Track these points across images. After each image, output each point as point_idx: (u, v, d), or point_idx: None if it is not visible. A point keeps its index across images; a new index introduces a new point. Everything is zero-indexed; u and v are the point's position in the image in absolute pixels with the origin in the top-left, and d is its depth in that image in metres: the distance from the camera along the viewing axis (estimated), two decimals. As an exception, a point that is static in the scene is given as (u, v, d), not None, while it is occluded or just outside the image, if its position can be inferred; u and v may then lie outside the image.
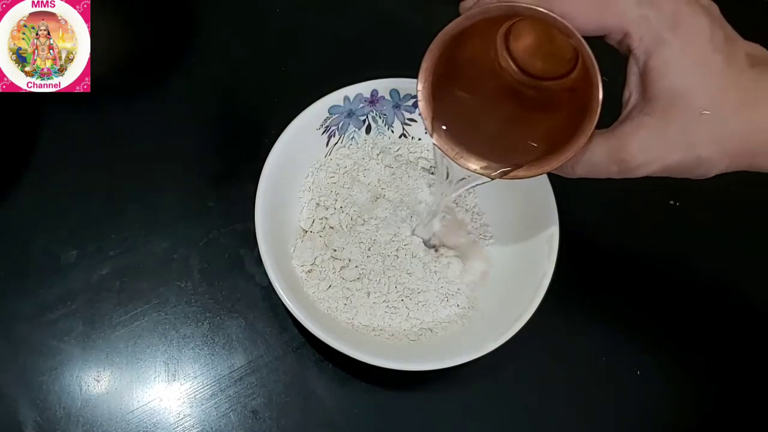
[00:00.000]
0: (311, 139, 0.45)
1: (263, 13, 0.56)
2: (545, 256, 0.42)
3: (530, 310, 0.40)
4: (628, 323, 0.47)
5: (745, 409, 0.46)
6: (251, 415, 0.42)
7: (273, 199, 0.42)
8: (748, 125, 0.31)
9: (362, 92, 0.46)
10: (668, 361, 0.46)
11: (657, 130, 0.31)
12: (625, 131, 0.31)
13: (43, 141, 0.49)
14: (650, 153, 0.31)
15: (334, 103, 0.45)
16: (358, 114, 0.46)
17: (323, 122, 0.45)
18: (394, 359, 0.39)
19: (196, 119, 0.51)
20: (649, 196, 0.51)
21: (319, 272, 0.43)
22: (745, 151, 0.31)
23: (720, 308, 0.48)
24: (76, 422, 0.41)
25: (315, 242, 0.44)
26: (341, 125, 0.46)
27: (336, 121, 0.46)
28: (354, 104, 0.46)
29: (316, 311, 0.42)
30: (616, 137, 0.31)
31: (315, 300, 0.43)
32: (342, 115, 0.46)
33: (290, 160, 0.44)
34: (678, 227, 0.51)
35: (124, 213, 0.47)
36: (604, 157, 0.32)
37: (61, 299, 0.44)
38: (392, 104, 0.47)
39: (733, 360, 0.47)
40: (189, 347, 0.44)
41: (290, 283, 0.41)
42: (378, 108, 0.47)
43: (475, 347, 0.39)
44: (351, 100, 0.45)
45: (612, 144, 0.31)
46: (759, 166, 0.32)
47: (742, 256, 0.50)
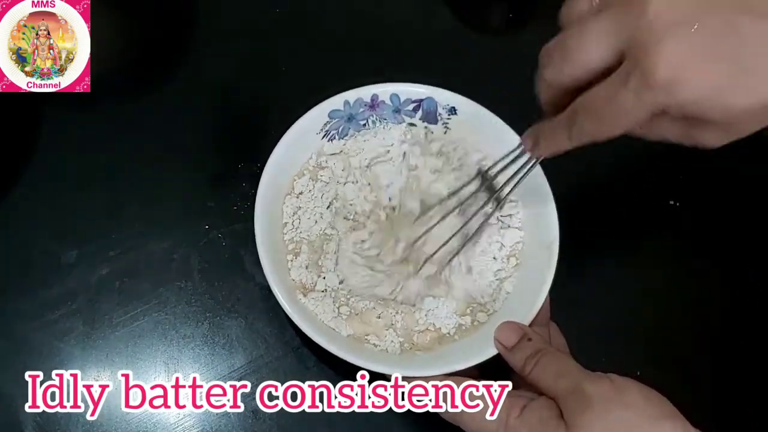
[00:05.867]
0: (311, 142, 0.45)
1: (264, 14, 0.56)
2: (545, 264, 0.41)
3: (533, 313, 0.40)
4: (628, 323, 0.47)
5: (745, 409, 0.46)
6: (251, 415, 0.42)
7: (272, 204, 0.42)
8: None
9: (362, 97, 0.45)
10: (668, 362, 0.46)
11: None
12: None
13: (43, 141, 0.49)
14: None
15: (334, 107, 0.45)
16: (359, 118, 0.46)
17: (323, 126, 0.45)
18: (391, 365, 0.39)
19: (197, 119, 0.51)
20: (649, 196, 0.51)
21: (316, 281, 0.43)
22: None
23: (720, 308, 0.48)
24: (76, 422, 0.41)
25: (313, 250, 0.44)
26: (341, 129, 0.46)
27: (336, 125, 0.46)
28: (354, 109, 0.46)
29: (314, 318, 0.41)
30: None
31: (313, 306, 0.42)
32: (342, 120, 0.46)
33: (290, 164, 0.44)
34: (678, 227, 0.51)
35: (124, 213, 0.47)
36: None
37: (61, 299, 0.44)
38: (392, 109, 0.46)
39: (734, 360, 0.47)
40: (189, 347, 0.44)
41: (288, 287, 0.41)
42: (378, 112, 0.46)
43: (474, 354, 0.39)
44: (351, 104, 0.45)
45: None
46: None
47: (742, 256, 0.50)
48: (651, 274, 0.49)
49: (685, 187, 0.52)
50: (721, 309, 0.48)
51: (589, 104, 0.31)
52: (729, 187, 0.52)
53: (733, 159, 0.52)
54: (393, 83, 0.46)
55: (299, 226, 0.44)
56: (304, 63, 0.54)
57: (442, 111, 0.46)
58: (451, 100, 0.46)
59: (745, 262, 0.50)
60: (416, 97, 0.46)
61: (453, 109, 0.46)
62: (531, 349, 0.37)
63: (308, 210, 0.45)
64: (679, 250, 0.50)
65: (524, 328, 0.39)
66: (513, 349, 0.38)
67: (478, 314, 0.43)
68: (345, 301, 0.42)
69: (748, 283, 0.49)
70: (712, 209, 0.51)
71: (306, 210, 0.45)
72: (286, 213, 0.44)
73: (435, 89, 0.46)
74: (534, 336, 0.38)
